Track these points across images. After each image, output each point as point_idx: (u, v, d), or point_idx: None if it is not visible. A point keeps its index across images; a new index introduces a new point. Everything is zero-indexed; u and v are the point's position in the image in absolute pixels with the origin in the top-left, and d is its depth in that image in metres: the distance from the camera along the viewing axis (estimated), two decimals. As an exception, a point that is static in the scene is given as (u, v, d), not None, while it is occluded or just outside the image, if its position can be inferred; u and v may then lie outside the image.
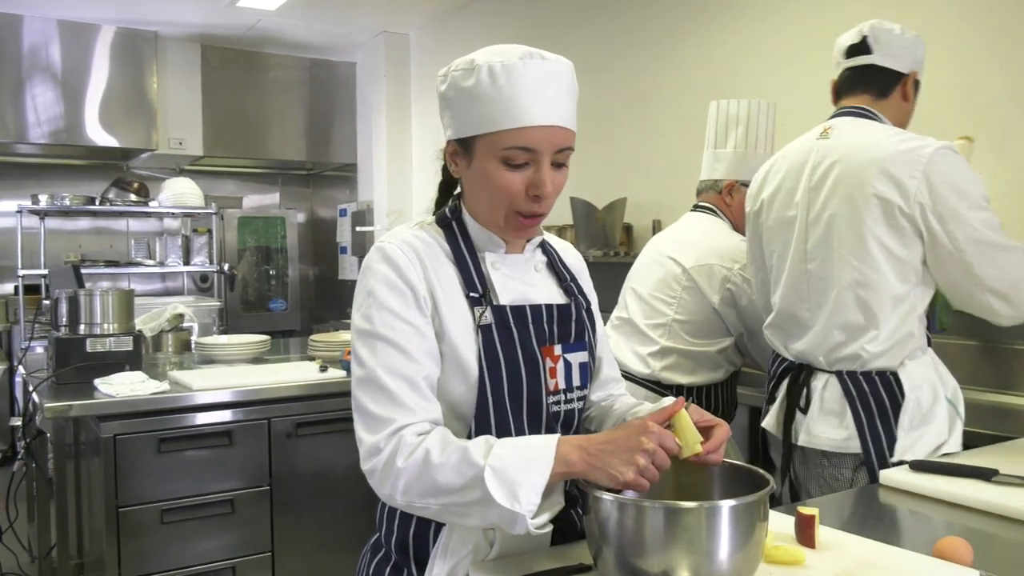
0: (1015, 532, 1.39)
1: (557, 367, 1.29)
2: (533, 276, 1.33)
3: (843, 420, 1.83)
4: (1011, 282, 1.77)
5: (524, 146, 1.19)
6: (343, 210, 6.57)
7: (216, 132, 6.04)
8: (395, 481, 1.13)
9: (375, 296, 1.21)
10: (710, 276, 2.35)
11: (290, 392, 2.99)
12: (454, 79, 1.24)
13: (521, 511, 1.07)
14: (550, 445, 1.12)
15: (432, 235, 1.29)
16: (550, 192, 1.22)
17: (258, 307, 6.38)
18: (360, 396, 1.19)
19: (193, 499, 2.83)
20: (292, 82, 6.35)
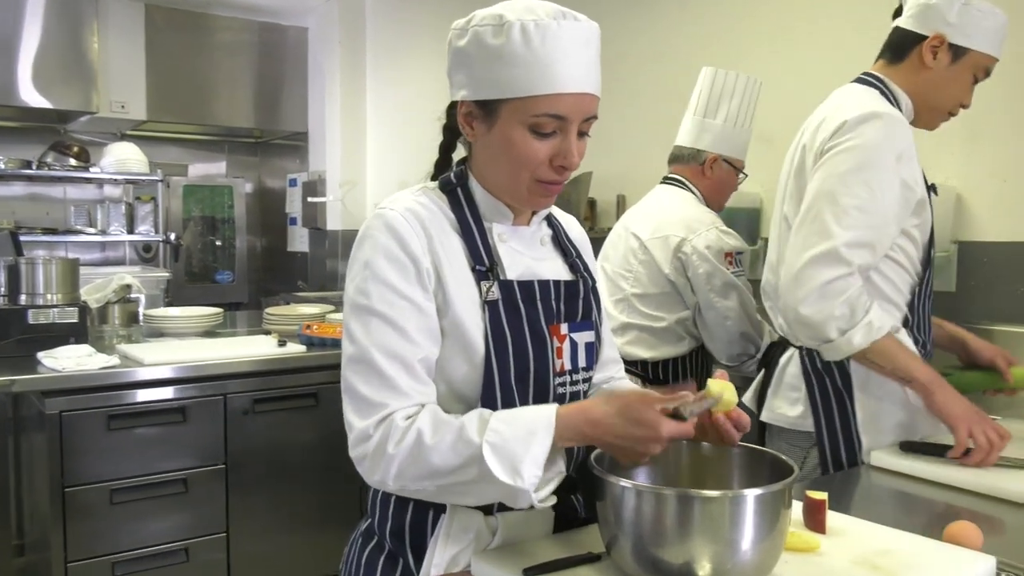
0: (1013, 515, 1.38)
1: (564, 347, 1.23)
2: (539, 250, 1.27)
3: (799, 395, 1.80)
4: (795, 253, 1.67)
5: (556, 113, 1.12)
6: (293, 180, 6.38)
7: (160, 96, 5.77)
8: (387, 468, 1.07)
9: (373, 268, 1.13)
10: (664, 246, 2.31)
11: (247, 367, 2.87)
12: (478, 34, 1.13)
13: (524, 486, 1.03)
14: (548, 414, 1.07)
15: (436, 201, 1.21)
16: (576, 163, 1.15)
17: (203, 279, 6.18)
18: (351, 377, 1.12)
19: (144, 478, 2.71)
20: (241, 46, 6.11)
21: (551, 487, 1.07)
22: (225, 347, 3.01)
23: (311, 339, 3.07)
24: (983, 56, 1.74)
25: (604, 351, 1.38)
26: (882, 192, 1.62)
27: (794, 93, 2.92)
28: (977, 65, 1.75)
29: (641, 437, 1.04)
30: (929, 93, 1.79)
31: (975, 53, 1.73)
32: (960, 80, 1.76)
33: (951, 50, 1.73)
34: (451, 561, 1.15)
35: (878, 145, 1.64)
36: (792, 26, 3.17)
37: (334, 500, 3.06)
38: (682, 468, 1.16)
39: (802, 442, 1.81)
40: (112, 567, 2.65)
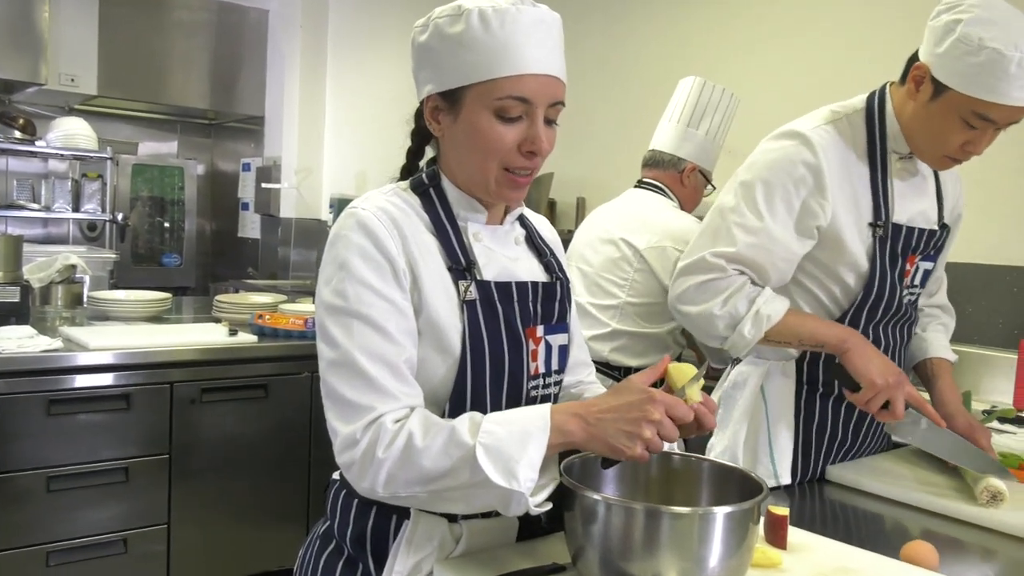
0: (964, 534, 1.41)
1: (539, 349, 1.21)
2: (514, 249, 1.25)
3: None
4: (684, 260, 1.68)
5: (520, 96, 1.10)
6: (247, 164, 6.26)
7: (112, 71, 5.60)
8: (376, 473, 1.03)
9: (349, 269, 1.09)
10: (663, 258, 2.31)
11: (195, 355, 2.81)
12: (438, 26, 1.13)
13: (519, 489, 0.99)
14: (543, 415, 1.04)
15: (408, 201, 1.18)
16: (546, 148, 1.13)
17: (150, 261, 6.03)
18: (333, 381, 1.08)
19: (83, 466, 2.63)
20: (198, 24, 5.96)
21: (547, 492, 1.04)
22: (173, 334, 2.93)
23: (263, 329, 3.01)
24: (968, 99, 1.43)
25: (573, 353, 1.36)
26: (771, 214, 1.56)
27: (760, 108, 2.94)
28: (962, 108, 1.44)
29: (635, 402, 1.02)
30: (914, 127, 1.56)
31: (955, 94, 1.43)
32: (945, 121, 1.48)
33: (932, 84, 1.48)
34: (413, 568, 1.12)
35: (778, 165, 1.57)
36: (762, 39, 3.21)
37: (280, 494, 3.01)
38: (651, 482, 1.15)
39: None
40: (46, 557, 2.57)
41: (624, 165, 3.68)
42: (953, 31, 1.41)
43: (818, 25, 3.03)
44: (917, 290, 1.73)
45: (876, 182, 1.60)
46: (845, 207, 1.58)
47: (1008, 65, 1.37)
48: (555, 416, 1.04)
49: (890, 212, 1.62)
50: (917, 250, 1.67)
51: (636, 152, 3.60)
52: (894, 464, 1.72)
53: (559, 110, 1.15)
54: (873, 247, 1.61)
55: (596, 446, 1.03)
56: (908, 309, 1.72)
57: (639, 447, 1.00)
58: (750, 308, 1.57)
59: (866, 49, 2.87)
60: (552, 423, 1.03)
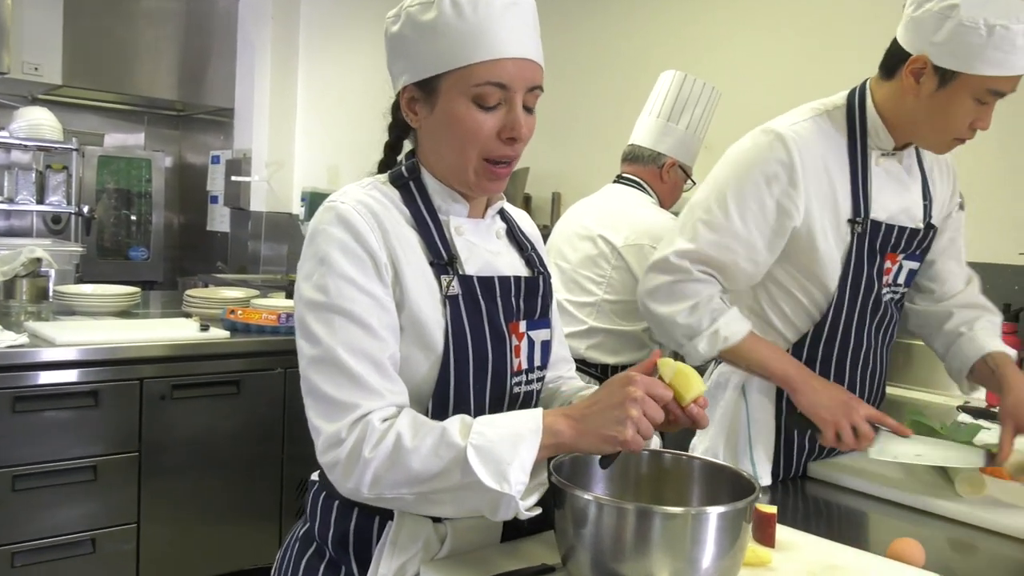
0: (947, 530, 1.41)
1: (521, 345, 1.19)
2: (495, 243, 1.23)
3: None
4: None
5: (498, 81, 1.08)
6: (216, 157, 6.17)
7: (78, 60, 5.48)
8: (362, 473, 1.00)
9: (330, 264, 1.07)
10: (640, 256, 2.29)
11: (166, 351, 2.75)
12: (410, 15, 1.11)
13: (510, 491, 0.97)
14: (535, 417, 1.02)
15: (388, 195, 1.15)
16: (526, 134, 1.11)
17: (116, 254, 5.92)
18: (315, 378, 1.05)
19: (51, 464, 2.56)
20: (166, 13, 5.86)
21: (536, 496, 1.02)
22: (142, 329, 2.87)
23: (235, 324, 2.96)
24: (981, 79, 1.42)
25: (555, 349, 1.35)
26: (739, 212, 1.55)
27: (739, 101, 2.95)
28: (976, 88, 1.44)
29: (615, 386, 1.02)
30: (918, 119, 1.53)
31: (968, 76, 1.42)
32: (955, 106, 1.47)
33: (937, 74, 1.45)
34: (399, 570, 1.09)
35: (752, 162, 1.55)
36: (742, 32, 3.21)
37: (253, 492, 2.96)
38: (641, 480, 1.14)
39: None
40: (11, 557, 2.50)
41: (601, 160, 3.67)
42: (950, 17, 1.40)
43: (798, 17, 3.04)
44: (901, 289, 1.71)
45: (856, 178, 1.58)
46: (821, 205, 1.56)
47: (1016, 38, 1.38)
48: (546, 419, 1.02)
49: (869, 208, 1.59)
50: (898, 248, 1.65)
51: (613, 147, 3.59)
52: (875, 461, 1.72)
53: (537, 95, 1.13)
54: (851, 244, 1.59)
55: (588, 440, 1.01)
56: (890, 309, 1.70)
57: (630, 429, 0.98)
58: (711, 325, 1.56)
59: (845, 42, 2.88)
60: (545, 426, 1.01)
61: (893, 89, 1.55)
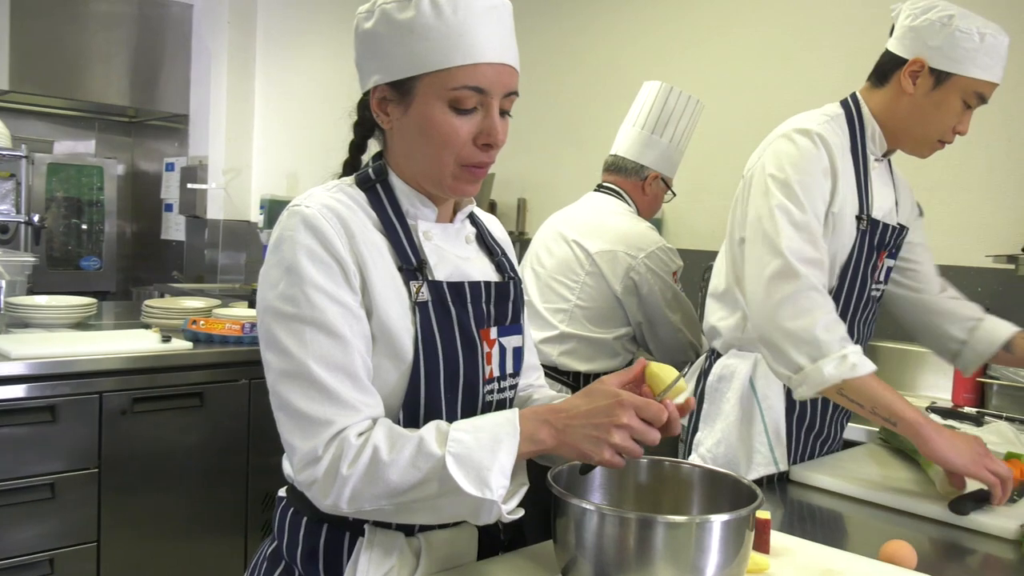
0: (933, 531, 1.42)
1: (493, 352, 1.16)
2: (465, 248, 1.20)
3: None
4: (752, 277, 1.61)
5: (476, 86, 1.05)
6: (170, 164, 6.05)
7: (25, 65, 5.33)
8: (340, 490, 0.98)
9: (298, 271, 1.02)
10: (614, 263, 2.29)
11: (126, 363, 2.66)
12: (385, 12, 1.07)
13: (492, 497, 0.96)
14: (511, 420, 1.01)
15: (354, 198, 1.11)
16: (501, 140, 1.08)
17: (67, 264, 5.76)
18: (287, 394, 1.01)
19: (6, 483, 2.46)
20: (117, 17, 5.72)
21: (517, 499, 1.01)
22: (101, 341, 2.78)
23: (197, 335, 2.89)
24: (971, 81, 1.60)
25: (526, 357, 1.32)
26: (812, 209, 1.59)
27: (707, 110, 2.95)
28: (966, 90, 1.61)
29: (603, 407, 0.99)
30: (911, 120, 1.67)
31: (960, 78, 1.60)
32: (945, 106, 1.62)
33: (933, 75, 1.61)
34: (379, 585, 1.06)
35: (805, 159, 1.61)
36: (710, 37, 3.23)
37: (218, 508, 2.89)
38: (639, 489, 1.12)
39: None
40: (-35, 580, 2.40)
41: (567, 166, 3.67)
42: (947, 25, 1.58)
43: (770, 23, 3.07)
44: (882, 287, 1.79)
45: (859, 178, 1.68)
46: (842, 201, 1.65)
47: (1001, 48, 1.59)
48: (525, 423, 1.01)
49: (871, 206, 1.70)
50: (886, 246, 1.76)
51: (580, 152, 3.60)
52: (855, 463, 1.73)
53: (513, 100, 1.11)
54: (856, 239, 1.68)
55: (567, 452, 1.01)
56: (872, 304, 1.77)
57: (607, 452, 0.98)
58: (840, 348, 1.49)
59: (818, 47, 2.91)
60: (522, 431, 1.00)
61: (887, 94, 1.68)
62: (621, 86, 3.43)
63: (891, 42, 1.69)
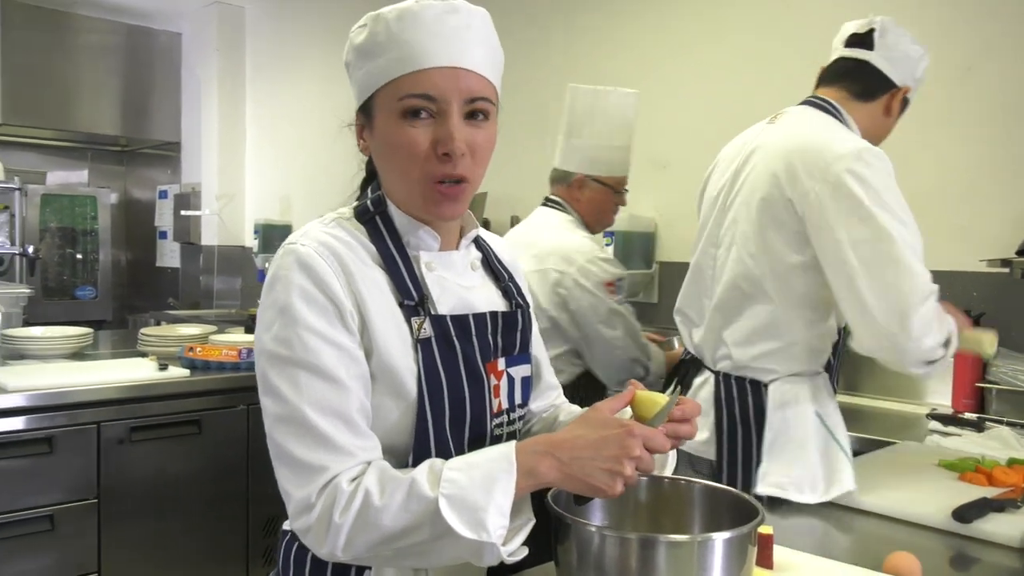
0: (929, 540, 1.41)
1: (501, 384, 1.14)
2: (470, 277, 1.17)
3: (706, 421, 1.75)
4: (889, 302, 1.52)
5: (423, 92, 1.02)
6: (163, 192, 6.06)
7: (16, 97, 5.35)
8: (335, 539, 0.95)
9: (292, 314, 1.00)
10: (544, 280, 2.27)
11: (124, 393, 2.66)
12: (351, 41, 1.09)
13: (490, 539, 0.91)
14: (507, 456, 0.96)
15: (352, 232, 1.09)
16: (460, 148, 1.02)
17: (62, 294, 5.75)
18: (282, 440, 0.98)
19: (5, 516, 2.45)
20: (106, 48, 5.75)
21: (521, 537, 0.96)
22: (98, 371, 2.78)
23: (194, 362, 2.88)
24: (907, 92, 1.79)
25: (544, 377, 1.31)
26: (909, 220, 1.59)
27: (692, 118, 2.96)
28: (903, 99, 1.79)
29: (613, 437, 0.95)
30: (881, 134, 1.78)
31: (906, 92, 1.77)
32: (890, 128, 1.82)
33: (902, 103, 1.78)
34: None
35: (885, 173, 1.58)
36: (693, 50, 3.24)
37: (218, 534, 2.87)
38: (640, 507, 1.11)
39: (703, 468, 1.79)
40: (-35, 616, 2.38)
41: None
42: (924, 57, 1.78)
43: (759, 29, 3.08)
44: None
45: None
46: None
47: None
48: (522, 457, 0.96)
49: None
50: None
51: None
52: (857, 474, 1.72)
53: (485, 107, 1.05)
54: None
55: (574, 486, 0.96)
56: None
57: (619, 485, 0.94)
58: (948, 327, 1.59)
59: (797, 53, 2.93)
60: (520, 465, 0.95)
61: (872, 111, 1.77)
62: (611, 102, 3.44)
63: (880, 59, 1.73)
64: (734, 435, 1.74)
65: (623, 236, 3.23)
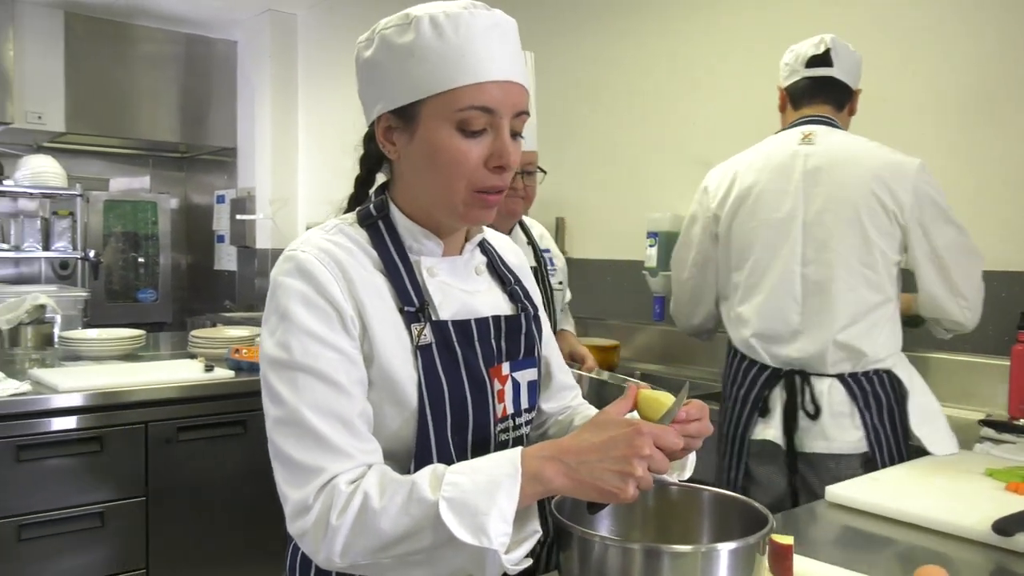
0: (972, 553, 1.36)
1: (505, 389, 1.12)
2: (474, 281, 1.15)
3: (853, 421, 1.92)
4: (976, 288, 1.97)
5: (484, 105, 1.01)
6: (221, 196, 6.20)
7: (80, 107, 5.53)
8: (331, 543, 0.93)
9: (291, 318, 1.00)
10: None
11: (171, 393, 2.72)
12: (385, 38, 1.05)
13: (491, 546, 0.88)
14: (513, 460, 0.93)
15: (354, 238, 1.08)
16: (515, 162, 1.04)
17: (125, 297, 5.92)
18: (280, 442, 0.98)
19: (57, 513, 2.53)
20: (166, 58, 5.91)
21: (525, 548, 0.92)
22: (147, 372, 2.85)
23: (240, 363, 2.93)
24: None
25: (556, 377, 1.29)
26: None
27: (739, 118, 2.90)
28: None
29: (621, 437, 0.92)
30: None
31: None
32: None
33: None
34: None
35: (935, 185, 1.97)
36: (738, 51, 3.19)
37: (262, 534, 2.91)
38: (648, 516, 1.09)
39: (856, 462, 1.91)
40: (20, 609, 2.46)
41: (604, 182, 3.65)
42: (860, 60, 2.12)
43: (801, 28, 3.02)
44: None
45: None
46: None
47: None
48: (528, 461, 0.93)
49: None
50: None
51: (615, 168, 3.59)
52: (891, 480, 1.67)
53: (524, 120, 1.06)
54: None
55: (584, 492, 0.93)
56: None
57: (632, 487, 0.91)
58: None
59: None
60: (525, 469, 0.92)
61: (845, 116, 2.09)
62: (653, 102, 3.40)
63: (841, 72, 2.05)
64: (882, 422, 1.93)
65: (666, 237, 3.17)
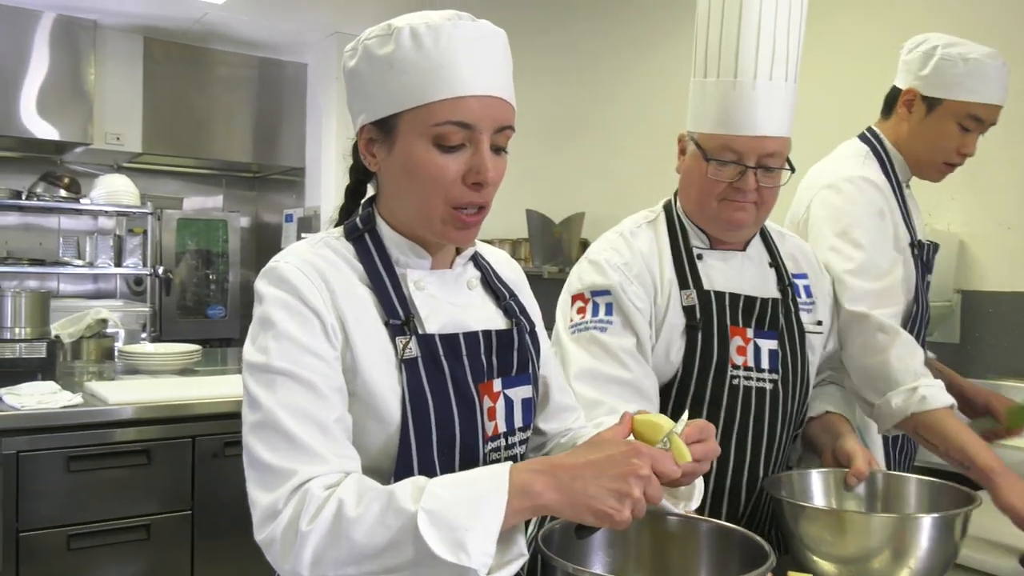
0: None
1: (497, 406, 1.08)
2: (466, 295, 1.12)
3: None
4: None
5: (460, 120, 0.98)
6: (289, 215, 6.32)
7: (157, 128, 5.74)
8: (300, 552, 0.88)
9: (271, 323, 0.98)
10: None
11: (219, 408, 2.75)
12: (367, 49, 1.03)
13: (471, 564, 0.83)
14: (501, 475, 0.88)
15: (339, 251, 1.06)
16: (493, 178, 1.00)
17: (196, 313, 6.08)
18: (253, 445, 0.94)
19: (105, 523, 2.58)
20: (239, 80, 6.09)
21: (510, 570, 0.87)
22: (199, 387, 2.89)
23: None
24: (961, 104, 1.69)
25: (554, 398, 1.24)
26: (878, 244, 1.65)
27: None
28: (958, 113, 1.70)
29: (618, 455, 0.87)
30: (914, 146, 1.78)
31: (950, 102, 1.70)
32: (942, 131, 1.73)
33: (925, 102, 1.74)
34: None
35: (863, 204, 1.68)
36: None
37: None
38: (643, 548, 1.03)
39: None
40: (67, 618, 2.51)
41: (656, 199, 3.59)
42: (933, 55, 1.71)
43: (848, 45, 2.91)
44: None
45: (901, 207, 1.77)
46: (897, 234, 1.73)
47: (988, 70, 1.66)
48: (517, 475, 0.88)
49: (915, 231, 1.80)
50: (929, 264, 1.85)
51: (668, 186, 3.52)
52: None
53: (508, 136, 1.03)
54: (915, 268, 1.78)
55: (575, 511, 0.87)
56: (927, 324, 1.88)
57: (627, 510, 0.85)
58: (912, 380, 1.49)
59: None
60: (513, 483, 0.87)
61: (893, 124, 1.80)
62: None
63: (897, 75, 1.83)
64: None
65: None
